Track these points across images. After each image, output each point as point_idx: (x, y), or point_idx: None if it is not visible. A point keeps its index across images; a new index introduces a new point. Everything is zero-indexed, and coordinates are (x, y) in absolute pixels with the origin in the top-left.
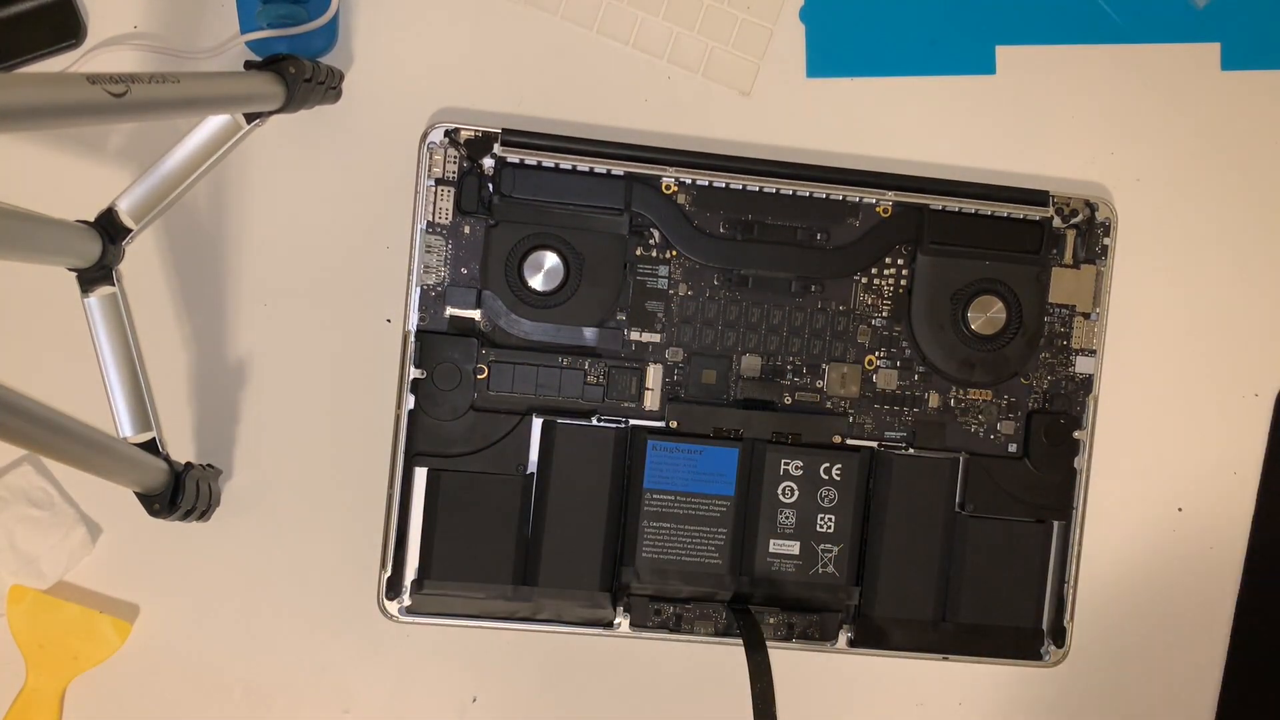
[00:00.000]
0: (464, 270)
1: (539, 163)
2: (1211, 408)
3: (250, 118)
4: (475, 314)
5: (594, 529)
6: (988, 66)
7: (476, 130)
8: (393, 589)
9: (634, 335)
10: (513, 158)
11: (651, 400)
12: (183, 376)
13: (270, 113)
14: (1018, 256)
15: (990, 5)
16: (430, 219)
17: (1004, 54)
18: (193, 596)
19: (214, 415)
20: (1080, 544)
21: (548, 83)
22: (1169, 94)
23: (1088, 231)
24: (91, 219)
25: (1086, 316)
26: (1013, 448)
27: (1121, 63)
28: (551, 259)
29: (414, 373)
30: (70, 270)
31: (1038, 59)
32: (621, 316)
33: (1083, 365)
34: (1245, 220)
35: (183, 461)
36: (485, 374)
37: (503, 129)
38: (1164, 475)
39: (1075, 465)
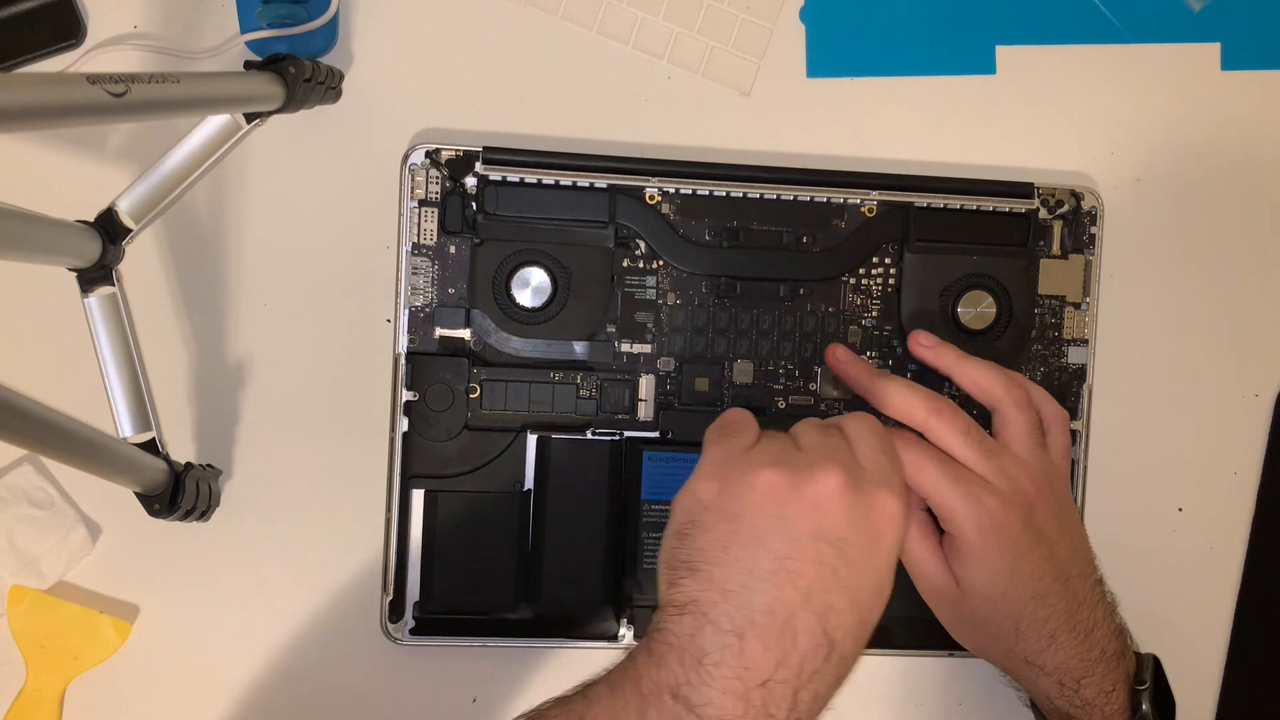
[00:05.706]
0: (451, 290)
1: (522, 179)
2: (1211, 408)
3: (250, 118)
4: (465, 333)
5: (594, 543)
6: (988, 66)
7: (457, 150)
8: (395, 611)
9: (625, 347)
10: (495, 175)
11: (645, 411)
12: (183, 376)
13: (270, 113)
14: (1005, 250)
15: (990, 5)
16: (415, 240)
17: (1004, 54)
18: (193, 596)
19: (214, 415)
20: None
21: (548, 82)
22: (1169, 94)
23: (1074, 221)
24: (91, 219)
25: (1077, 306)
26: None
27: (1122, 63)
28: (539, 275)
29: (406, 395)
30: (70, 270)
31: (1038, 59)
32: (611, 329)
33: (1075, 356)
34: (1246, 221)
35: (183, 461)
36: (478, 393)
37: (484, 147)
38: (1164, 475)
39: (1072, 456)
